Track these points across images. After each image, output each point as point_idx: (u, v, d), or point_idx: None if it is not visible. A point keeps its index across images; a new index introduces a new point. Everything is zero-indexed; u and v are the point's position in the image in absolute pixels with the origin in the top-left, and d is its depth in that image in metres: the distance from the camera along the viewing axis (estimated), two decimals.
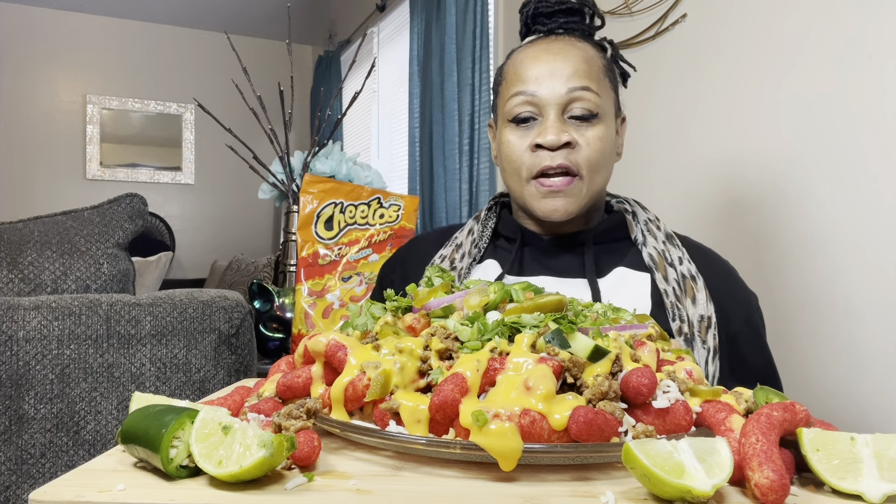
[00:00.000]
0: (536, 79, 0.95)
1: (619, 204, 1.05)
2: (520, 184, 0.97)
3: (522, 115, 0.95)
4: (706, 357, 0.90)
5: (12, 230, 1.29)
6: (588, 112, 0.93)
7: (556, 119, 0.93)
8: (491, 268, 1.01)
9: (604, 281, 0.96)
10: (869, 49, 1.20)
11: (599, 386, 0.48)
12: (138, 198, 1.40)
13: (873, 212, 1.19)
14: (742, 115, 1.45)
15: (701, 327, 0.91)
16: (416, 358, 0.52)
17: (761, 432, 0.42)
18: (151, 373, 1.22)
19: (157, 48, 5.10)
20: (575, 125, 0.94)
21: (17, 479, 1.14)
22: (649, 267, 0.96)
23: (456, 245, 1.05)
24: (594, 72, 0.96)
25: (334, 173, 2.20)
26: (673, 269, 0.95)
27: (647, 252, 0.97)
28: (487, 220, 1.06)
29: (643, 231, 1.00)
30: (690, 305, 0.92)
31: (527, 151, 0.95)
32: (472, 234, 1.05)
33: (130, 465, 0.47)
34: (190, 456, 0.44)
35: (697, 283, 0.94)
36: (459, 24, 2.71)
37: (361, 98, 3.72)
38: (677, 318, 0.91)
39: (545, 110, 0.94)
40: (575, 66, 0.94)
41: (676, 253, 0.97)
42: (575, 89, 0.93)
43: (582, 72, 0.94)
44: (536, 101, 0.94)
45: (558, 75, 0.94)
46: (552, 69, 0.94)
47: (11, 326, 1.14)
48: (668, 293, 0.93)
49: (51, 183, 4.80)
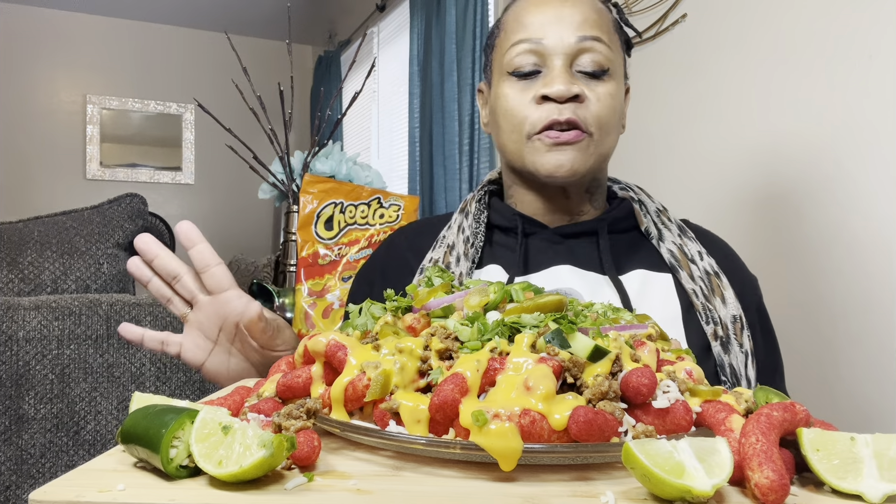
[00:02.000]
0: (542, 25, 0.83)
1: (622, 190, 0.96)
2: (519, 142, 0.85)
3: (525, 68, 0.84)
4: (745, 362, 0.82)
5: (12, 230, 1.29)
6: (599, 67, 0.83)
7: (563, 69, 0.82)
8: (494, 274, 0.89)
9: (626, 280, 0.87)
10: (869, 49, 1.20)
11: (599, 386, 0.48)
12: (138, 198, 1.40)
13: (872, 210, 1.19)
14: (742, 114, 1.45)
15: (735, 328, 0.83)
16: (416, 358, 0.52)
17: (761, 432, 0.42)
18: (151, 373, 1.22)
19: (158, 48, 5.10)
20: (584, 80, 0.83)
21: (17, 479, 1.14)
22: (671, 265, 0.87)
23: (448, 247, 0.91)
24: (605, 23, 0.85)
25: (334, 173, 2.20)
26: (696, 267, 0.86)
27: (667, 248, 0.88)
28: (479, 214, 0.93)
29: (655, 223, 0.91)
30: (721, 305, 0.84)
31: (530, 104, 0.84)
32: (463, 231, 0.92)
33: (130, 465, 0.47)
34: (190, 456, 0.44)
35: (722, 279, 0.86)
36: (459, 24, 2.71)
37: (361, 98, 3.72)
38: (710, 321, 0.83)
39: (551, 60, 0.83)
40: (585, 13, 0.83)
41: (695, 247, 0.89)
42: (586, 38, 0.82)
43: (593, 21, 0.83)
44: (541, 49, 0.83)
45: (567, 21, 0.83)
46: (559, 15, 0.83)
47: (11, 326, 1.14)
48: (696, 293, 0.84)
49: (51, 183, 4.80)
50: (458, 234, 0.92)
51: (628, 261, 0.88)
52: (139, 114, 5.08)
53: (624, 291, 0.83)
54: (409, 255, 0.96)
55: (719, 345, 0.82)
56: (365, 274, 1.01)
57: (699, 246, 0.89)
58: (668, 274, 0.87)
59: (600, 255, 0.87)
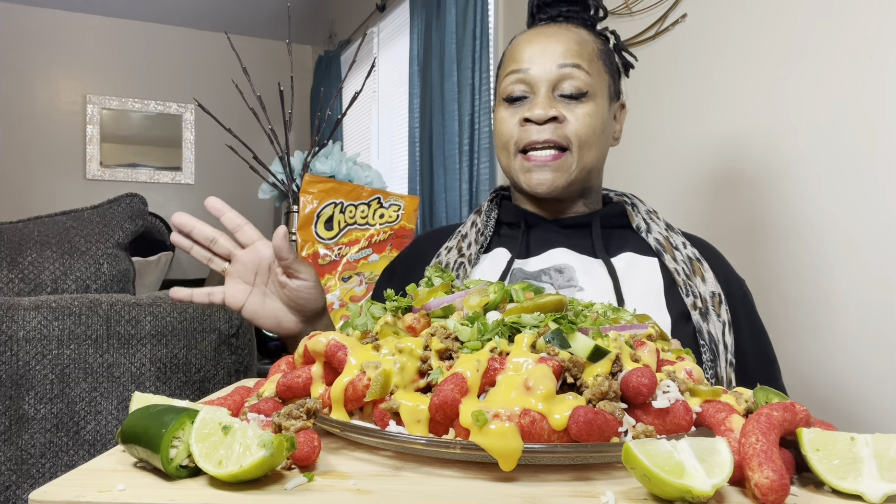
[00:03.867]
0: (530, 57, 0.97)
1: (618, 197, 1.08)
2: (508, 158, 0.99)
3: (515, 94, 0.98)
4: (722, 329, 0.92)
5: (12, 230, 1.29)
6: (577, 90, 0.95)
7: (545, 95, 0.95)
8: (500, 255, 1.01)
9: (615, 262, 0.97)
10: (869, 49, 1.20)
11: (599, 386, 0.48)
12: (138, 198, 1.40)
13: (871, 209, 1.19)
14: (742, 114, 1.45)
15: (714, 302, 0.93)
16: (416, 358, 0.52)
17: (761, 432, 0.42)
18: (151, 373, 1.22)
19: (157, 48, 5.09)
20: (565, 103, 0.96)
21: (17, 479, 1.14)
22: (656, 250, 0.98)
23: (461, 236, 1.06)
24: (586, 52, 0.97)
25: (334, 173, 2.20)
26: (679, 253, 0.97)
27: (653, 237, 0.99)
28: (490, 211, 1.07)
29: (644, 220, 1.02)
30: (701, 283, 0.94)
31: (516, 126, 0.97)
32: (476, 224, 1.06)
33: (130, 465, 0.47)
34: (190, 456, 0.44)
35: (703, 264, 0.97)
36: (459, 24, 2.71)
37: (361, 98, 3.72)
38: (691, 294, 0.93)
39: (536, 87, 0.96)
40: (566, 45, 0.96)
41: (679, 239, 1.00)
42: (565, 66, 0.95)
43: (573, 51, 0.96)
44: (528, 79, 0.96)
45: (549, 53, 0.96)
46: (544, 48, 0.96)
47: (11, 326, 1.14)
48: (678, 272, 0.95)
49: (51, 183, 4.80)
50: (472, 227, 1.06)
51: (618, 247, 1.00)
52: (139, 114, 5.07)
53: (613, 269, 0.95)
54: (429, 250, 1.09)
55: (698, 314, 0.92)
56: (390, 267, 1.15)
57: (683, 238, 1.01)
58: (654, 258, 0.98)
59: (593, 242, 0.99)
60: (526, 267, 0.98)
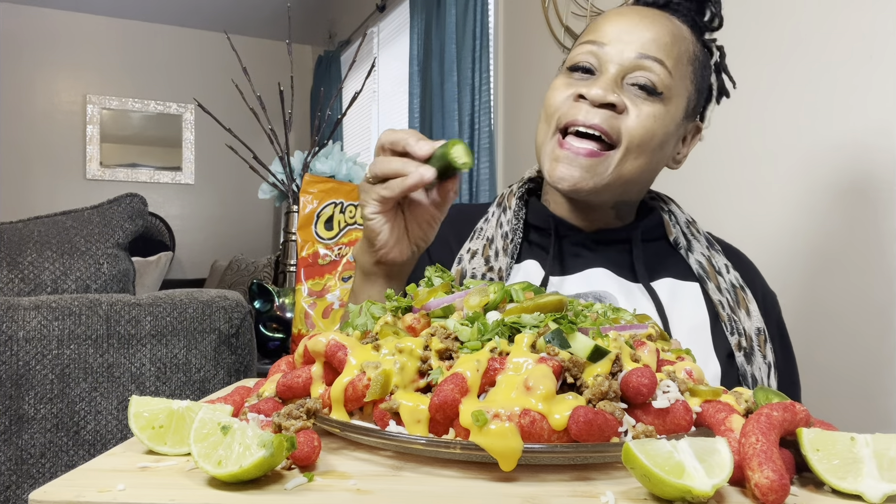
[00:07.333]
0: (611, 32, 0.83)
1: (651, 200, 0.97)
2: (545, 136, 0.85)
3: (581, 63, 0.84)
4: (767, 372, 0.83)
5: (12, 230, 1.29)
6: (650, 84, 0.81)
7: (612, 78, 0.81)
8: (532, 270, 0.89)
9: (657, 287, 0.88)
10: (869, 49, 1.20)
11: (599, 386, 0.48)
12: (138, 198, 1.40)
13: (866, 213, 1.19)
14: (742, 114, 1.45)
15: (759, 341, 0.84)
16: (416, 358, 0.52)
17: (761, 432, 0.42)
18: (151, 373, 1.22)
19: (157, 48, 5.10)
20: (632, 94, 0.82)
21: (17, 479, 1.14)
22: (699, 275, 0.88)
23: (487, 240, 0.91)
24: (677, 51, 0.83)
25: (334, 173, 2.20)
26: (722, 279, 0.87)
27: (695, 259, 0.89)
28: (519, 211, 0.93)
29: (685, 234, 0.92)
30: (745, 318, 0.85)
31: (567, 100, 0.83)
32: (501, 226, 0.91)
33: (130, 465, 0.47)
34: None
35: (747, 293, 0.87)
36: (459, 24, 2.71)
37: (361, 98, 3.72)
38: (735, 332, 0.84)
39: (606, 66, 0.82)
40: (657, 35, 0.82)
41: (722, 260, 0.90)
42: (646, 57, 0.81)
43: (662, 44, 0.82)
44: (601, 54, 0.82)
45: (635, 36, 0.82)
46: (632, 29, 0.82)
47: (11, 326, 1.14)
48: (722, 304, 0.86)
49: (51, 183, 4.80)
50: (497, 228, 0.91)
51: (657, 269, 0.89)
52: (139, 114, 5.08)
53: (657, 298, 0.84)
54: (451, 236, 0.95)
55: (743, 355, 0.83)
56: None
57: (725, 259, 0.90)
58: (695, 283, 0.88)
59: (633, 262, 0.88)
60: (562, 289, 0.86)
